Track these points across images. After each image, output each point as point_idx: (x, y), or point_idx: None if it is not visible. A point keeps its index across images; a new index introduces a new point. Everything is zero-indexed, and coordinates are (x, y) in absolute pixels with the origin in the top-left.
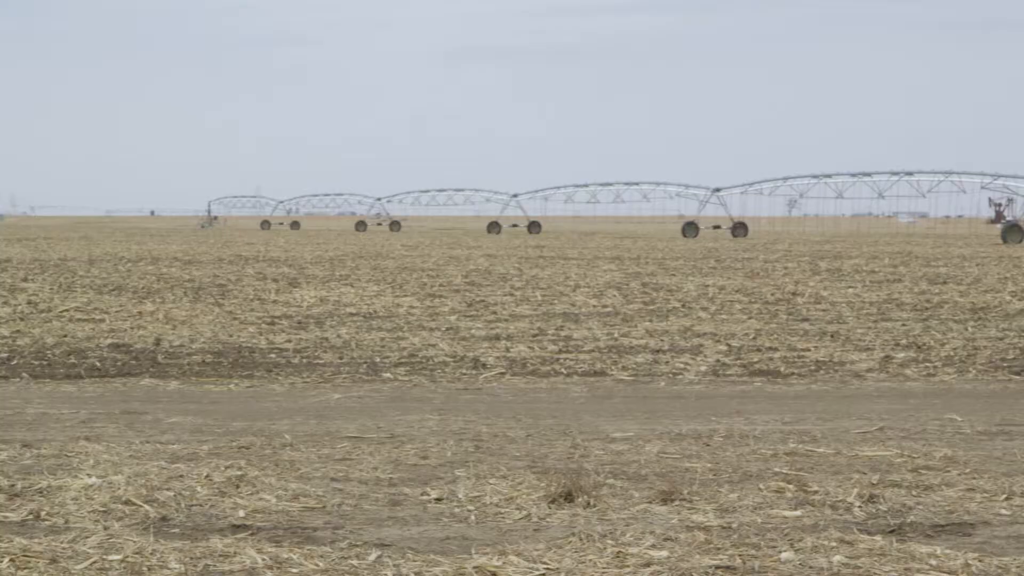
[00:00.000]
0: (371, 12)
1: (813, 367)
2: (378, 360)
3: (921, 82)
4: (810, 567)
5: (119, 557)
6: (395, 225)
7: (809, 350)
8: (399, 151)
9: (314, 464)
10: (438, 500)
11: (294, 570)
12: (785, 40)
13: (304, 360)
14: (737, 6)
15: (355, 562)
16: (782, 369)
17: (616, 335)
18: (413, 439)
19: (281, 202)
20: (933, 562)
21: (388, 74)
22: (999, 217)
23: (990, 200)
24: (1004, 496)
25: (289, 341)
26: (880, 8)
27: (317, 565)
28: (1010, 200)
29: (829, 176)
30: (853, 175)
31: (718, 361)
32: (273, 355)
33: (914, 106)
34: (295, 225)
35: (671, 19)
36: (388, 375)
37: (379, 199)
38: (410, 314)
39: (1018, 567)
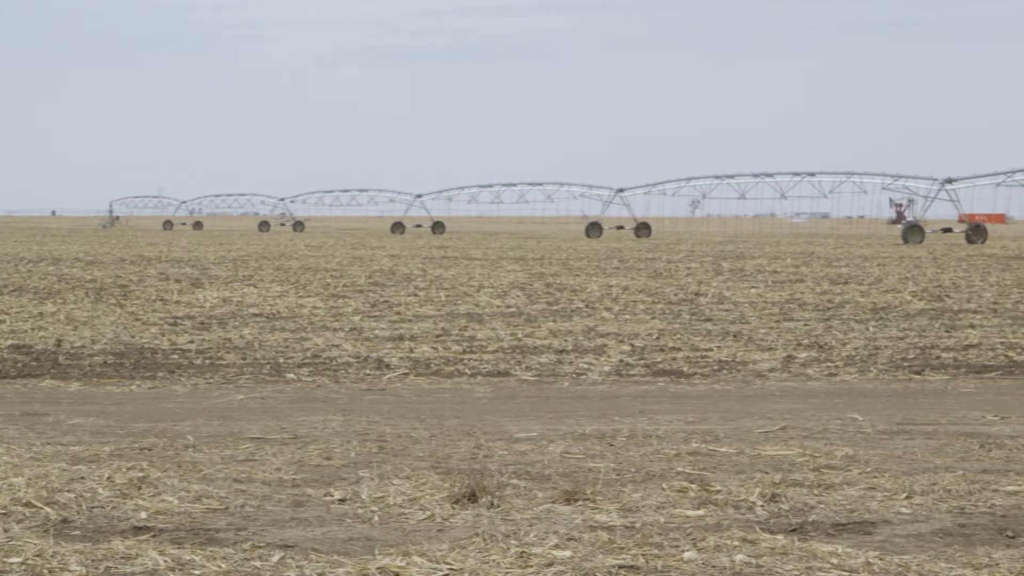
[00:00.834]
0: (271, 13)
1: (716, 367)
2: (281, 361)
3: (822, 83)
4: (713, 566)
5: (19, 560)
6: (298, 225)
7: (712, 350)
8: (303, 152)
9: (217, 465)
10: (341, 501)
11: (196, 572)
12: (686, 40)
13: (207, 361)
14: (638, 6)
15: (258, 563)
16: (685, 369)
17: (520, 335)
18: (316, 440)
19: (184, 202)
20: (834, 561)
21: (291, 74)
22: (900, 218)
23: (891, 201)
24: (904, 495)
25: (192, 342)
26: (780, 9)
27: (219, 567)
28: (911, 201)
29: (731, 177)
30: (755, 175)
31: (621, 361)
32: (176, 356)
33: (815, 107)
34: (198, 225)
35: (573, 20)
36: (291, 376)
37: (282, 199)
38: (313, 314)
39: (918, 565)
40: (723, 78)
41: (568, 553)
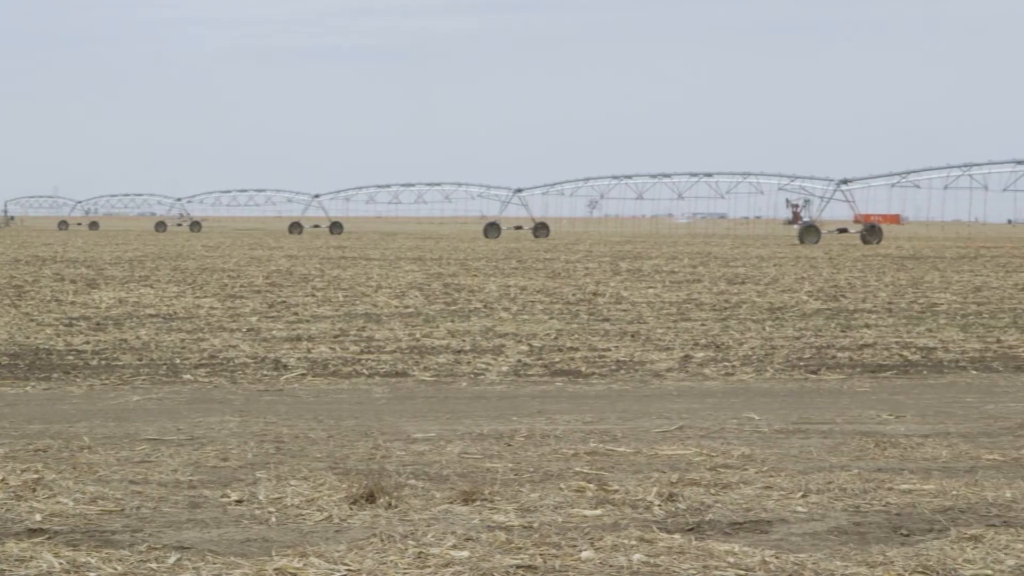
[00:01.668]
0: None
1: (614, 367)
2: (178, 361)
3: (719, 84)
4: (610, 566)
5: None
6: (195, 226)
7: (610, 350)
8: (200, 152)
9: (113, 467)
10: (238, 502)
11: (92, 574)
12: (584, 41)
13: (103, 362)
14: (537, 7)
15: (154, 565)
16: (583, 369)
17: (418, 335)
18: (213, 441)
19: (80, 202)
20: (731, 560)
21: (188, 74)
22: (796, 218)
23: (787, 201)
24: (800, 494)
25: (87, 343)
26: (679, 10)
27: (115, 568)
28: (807, 201)
29: (629, 177)
30: (653, 176)
31: (519, 361)
32: (71, 357)
33: (712, 108)
34: (94, 225)
35: (472, 20)
36: (188, 376)
37: (179, 199)
38: (210, 315)
39: (814, 564)
40: (622, 79)
41: (466, 553)
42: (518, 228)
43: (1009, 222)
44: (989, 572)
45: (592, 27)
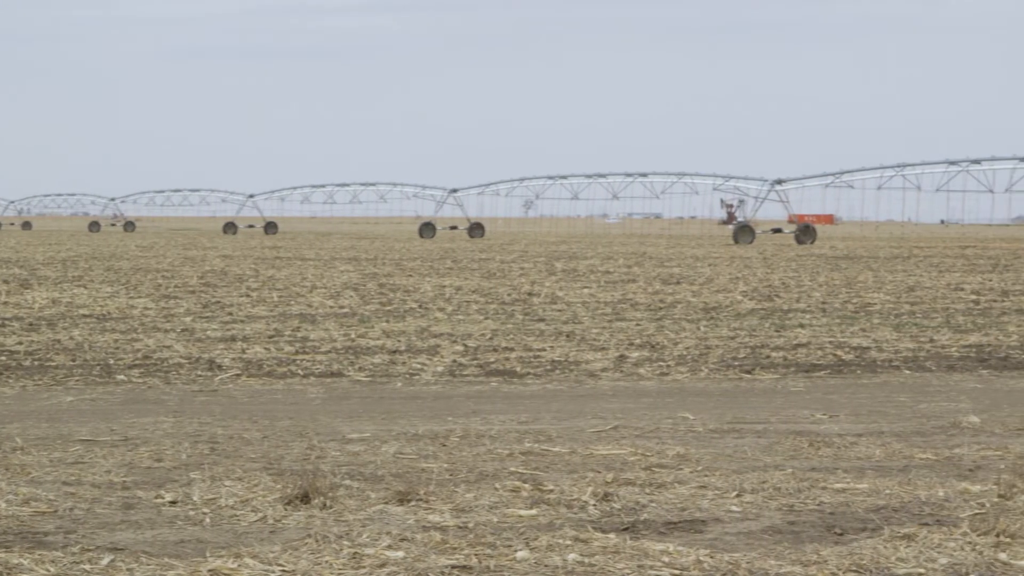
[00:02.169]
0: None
1: (549, 367)
2: (112, 362)
3: (654, 84)
4: (545, 566)
5: None
6: (129, 226)
7: (545, 350)
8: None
9: (45, 468)
10: (172, 503)
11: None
12: (518, 41)
13: (36, 362)
14: (472, 6)
15: (87, 567)
16: (518, 369)
17: (353, 336)
18: (147, 442)
19: (12, 202)
20: (666, 559)
21: (120, 73)
22: (731, 218)
23: (722, 201)
24: (735, 493)
25: (20, 343)
26: (612, 10)
27: (48, 570)
28: (741, 201)
29: (564, 177)
30: (588, 176)
31: (455, 361)
32: (3, 357)
33: (647, 108)
34: (27, 225)
35: (406, 18)
36: (122, 377)
37: (113, 199)
38: (144, 315)
39: (748, 563)
40: (557, 78)
41: (401, 554)
42: (453, 228)
43: (942, 222)
44: (922, 571)
45: (528, 26)
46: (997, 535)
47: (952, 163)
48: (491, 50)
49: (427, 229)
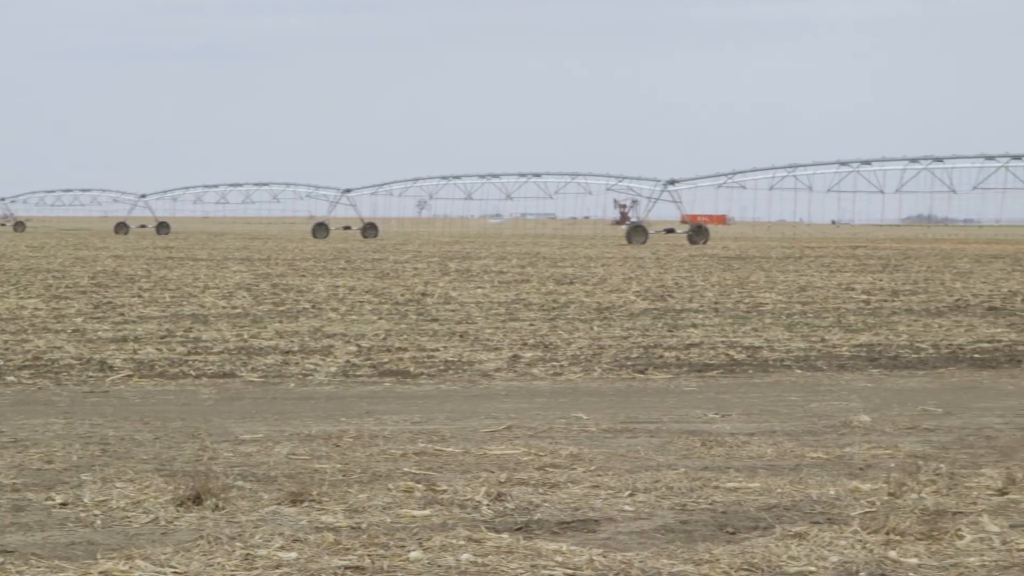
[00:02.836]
0: None
1: (442, 367)
2: (1, 363)
3: (547, 84)
4: (439, 566)
5: None
6: (19, 226)
7: (438, 350)
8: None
9: None
10: (63, 505)
11: None
12: (414, 41)
13: None
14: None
15: None
16: (412, 369)
17: (246, 336)
18: (38, 443)
19: None
20: (559, 559)
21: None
22: (624, 218)
23: (615, 201)
24: (628, 492)
25: None
26: (508, 11)
27: None
28: (634, 201)
29: (458, 177)
30: (482, 176)
31: (348, 362)
32: None
33: (540, 108)
34: None
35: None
36: (11, 378)
37: (2, 199)
38: (35, 316)
39: (641, 562)
40: (451, 79)
41: (294, 555)
42: (347, 228)
43: (833, 223)
44: (813, 569)
45: (422, 27)
46: (887, 533)
47: (843, 164)
48: (386, 51)
49: (320, 229)
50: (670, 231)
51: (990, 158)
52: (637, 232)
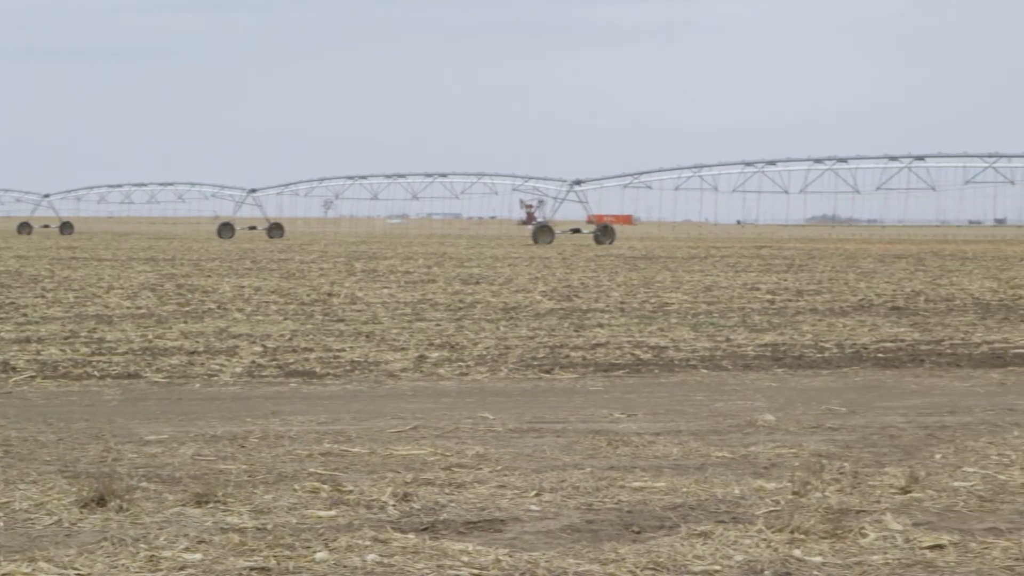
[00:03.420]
0: None
1: (348, 367)
2: None
3: (449, 85)
4: (344, 566)
5: None
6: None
7: (344, 350)
8: None
9: None
10: None
11: None
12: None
13: None
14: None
15: None
16: (318, 370)
17: (151, 337)
18: None
19: None
20: (465, 559)
21: None
22: (530, 219)
23: (521, 202)
24: (534, 492)
25: None
26: (415, 11)
27: None
28: (540, 202)
29: (364, 177)
30: (388, 176)
31: (254, 362)
32: None
33: (445, 109)
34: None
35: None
36: None
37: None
38: None
39: (547, 561)
40: (356, 79)
41: (199, 556)
42: (252, 228)
43: (738, 222)
44: (718, 568)
45: (324, 27)
46: (791, 532)
47: (748, 164)
48: (291, 51)
49: (226, 229)
50: (576, 231)
51: (893, 159)
52: (543, 232)
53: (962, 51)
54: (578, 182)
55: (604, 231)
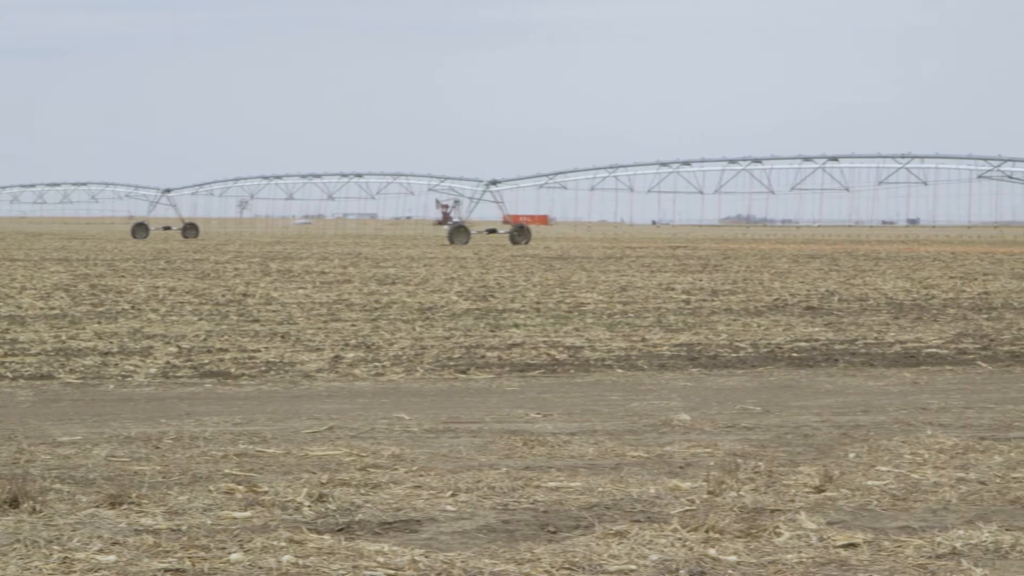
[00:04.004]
0: None
1: (263, 368)
2: None
3: (368, 85)
4: (259, 567)
5: None
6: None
7: (260, 351)
8: None
9: None
10: None
11: None
12: (234, 39)
13: None
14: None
15: None
16: (233, 370)
17: (64, 337)
18: None
19: None
20: (381, 559)
21: None
22: (446, 219)
23: (437, 202)
24: (450, 492)
25: None
26: (329, 9)
27: None
28: (457, 202)
29: (279, 177)
30: (303, 176)
31: (168, 363)
32: None
33: (363, 108)
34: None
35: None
36: None
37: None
38: None
39: (463, 562)
40: (271, 78)
41: (113, 558)
42: (167, 229)
43: (654, 223)
44: (633, 567)
45: (243, 25)
46: (706, 531)
47: (663, 164)
48: (206, 49)
49: (140, 229)
50: (492, 231)
51: (807, 159)
52: (459, 232)
53: (890, 51)
54: (494, 182)
55: (520, 231)
